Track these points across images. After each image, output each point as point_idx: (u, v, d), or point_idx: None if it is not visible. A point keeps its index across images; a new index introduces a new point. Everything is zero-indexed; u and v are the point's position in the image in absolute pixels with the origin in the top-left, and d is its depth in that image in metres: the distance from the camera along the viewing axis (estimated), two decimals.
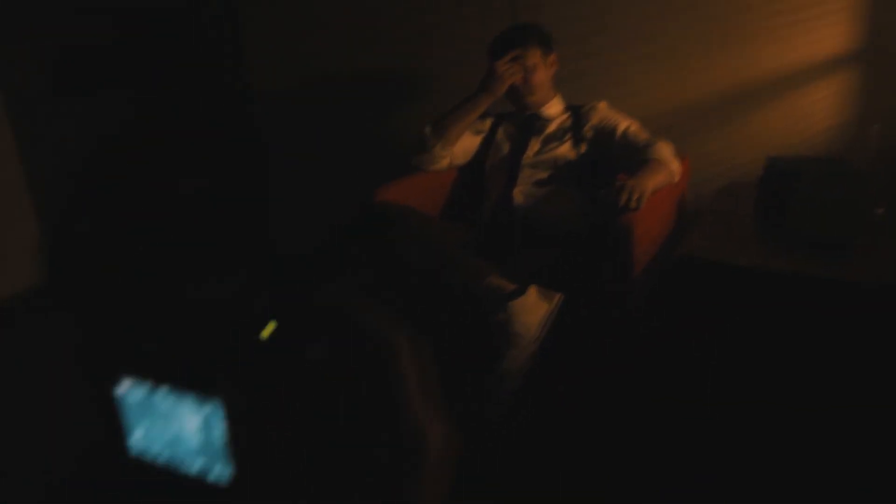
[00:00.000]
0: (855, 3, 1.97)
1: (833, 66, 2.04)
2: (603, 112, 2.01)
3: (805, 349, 1.64)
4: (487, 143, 2.12)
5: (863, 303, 1.59)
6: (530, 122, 2.04)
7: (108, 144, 2.80)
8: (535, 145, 2.01)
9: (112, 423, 0.41)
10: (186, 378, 0.39)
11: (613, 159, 1.93)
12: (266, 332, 0.36)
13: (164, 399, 0.40)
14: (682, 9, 2.15)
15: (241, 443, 0.39)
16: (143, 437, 0.42)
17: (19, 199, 2.61)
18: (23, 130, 2.56)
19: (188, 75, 2.97)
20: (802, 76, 2.08)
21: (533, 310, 1.55)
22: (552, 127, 2.03)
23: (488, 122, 2.13)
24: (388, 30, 2.65)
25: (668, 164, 1.80)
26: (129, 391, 0.40)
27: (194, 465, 0.42)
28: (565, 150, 1.98)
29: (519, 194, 1.97)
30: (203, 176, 2.73)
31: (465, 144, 2.10)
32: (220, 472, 0.40)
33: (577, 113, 2.04)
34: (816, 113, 2.09)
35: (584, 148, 1.98)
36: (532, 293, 1.56)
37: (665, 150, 1.82)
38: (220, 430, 0.39)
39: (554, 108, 2.05)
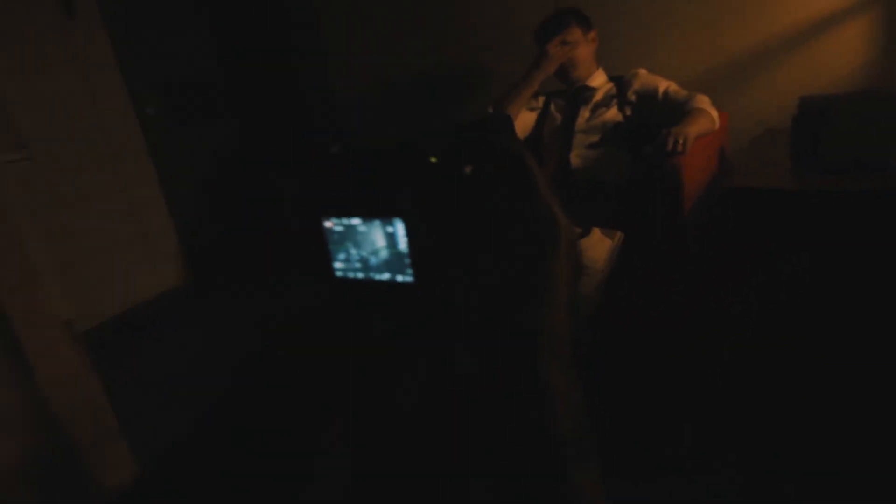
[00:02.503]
0: None
1: (855, 6, 1.97)
2: (643, 77, 2.02)
3: (845, 262, 1.62)
4: (542, 118, 2.16)
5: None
6: (579, 94, 2.07)
7: (223, 162, 3.00)
8: (585, 113, 2.04)
9: (323, 253, 0.49)
10: (374, 208, 0.47)
11: (657, 117, 1.95)
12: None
13: (357, 227, 0.49)
14: None
15: (417, 251, 0.47)
16: (344, 261, 0.51)
17: (161, 214, 2.80)
18: (158, 157, 2.76)
19: (283, 101, 3.14)
20: (826, 20, 2.01)
21: (597, 246, 1.60)
22: (598, 95, 2.05)
23: (541, 100, 2.17)
24: (440, 30, 2.71)
25: (708, 111, 1.80)
26: (332, 226, 0.49)
27: (384, 275, 0.50)
28: (612, 114, 2.00)
29: (575, 157, 2.00)
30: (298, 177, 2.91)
31: (524, 120, 2.14)
32: (404, 277, 0.48)
33: (619, 81, 2.05)
34: (843, 53, 2.02)
35: (629, 111, 1.99)
36: (595, 232, 1.61)
37: (704, 101, 1.83)
38: (402, 243, 0.48)
39: (598, 79, 2.08)
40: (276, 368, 1.94)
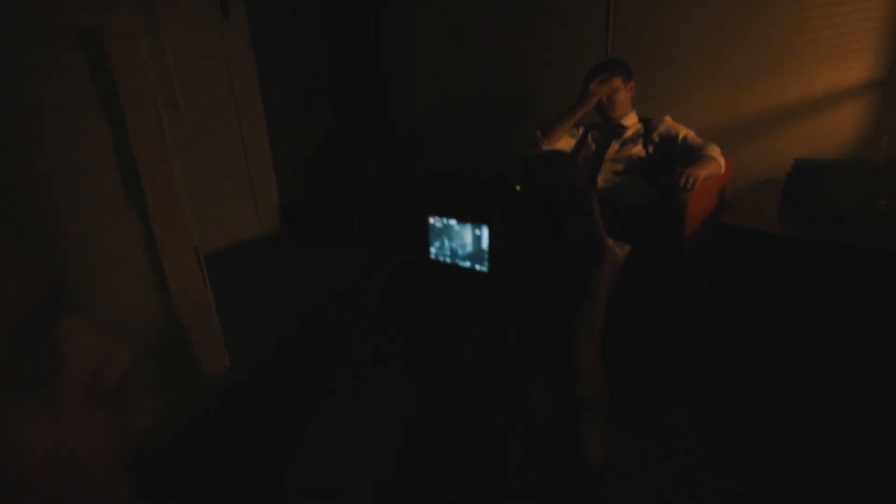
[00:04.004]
0: (874, 40, 1.90)
1: (854, 90, 1.98)
2: (667, 123, 2.08)
3: (808, 300, 1.67)
4: (580, 144, 2.23)
5: (861, 264, 1.59)
6: (613, 130, 2.13)
7: (321, 141, 3.14)
8: (615, 146, 2.11)
9: (423, 240, 0.58)
10: (469, 215, 0.55)
11: (674, 158, 1.99)
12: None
13: (454, 226, 0.58)
14: (733, 48, 2.15)
15: (495, 251, 0.56)
16: (438, 248, 0.60)
17: (269, 175, 2.98)
18: (272, 133, 2.93)
19: (375, 96, 3.25)
20: (829, 98, 2.04)
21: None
22: (629, 133, 2.11)
23: (581, 129, 2.24)
24: (508, 64, 2.78)
25: (717, 159, 1.86)
26: (434, 222, 0.57)
27: (466, 263, 0.59)
28: (637, 149, 2.07)
29: (601, 180, 2.08)
30: (380, 162, 3.01)
31: (565, 144, 2.23)
32: (481, 267, 0.57)
33: (647, 123, 2.12)
34: (838, 127, 2.05)
35: (651, 149, 2.06)
36: (609, 242, 1.68)
37: (715, 150, 1.88)
38: (485, 243, 0.57)
39: (630, 120, 2.14)
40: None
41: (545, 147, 2.18)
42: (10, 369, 0.21)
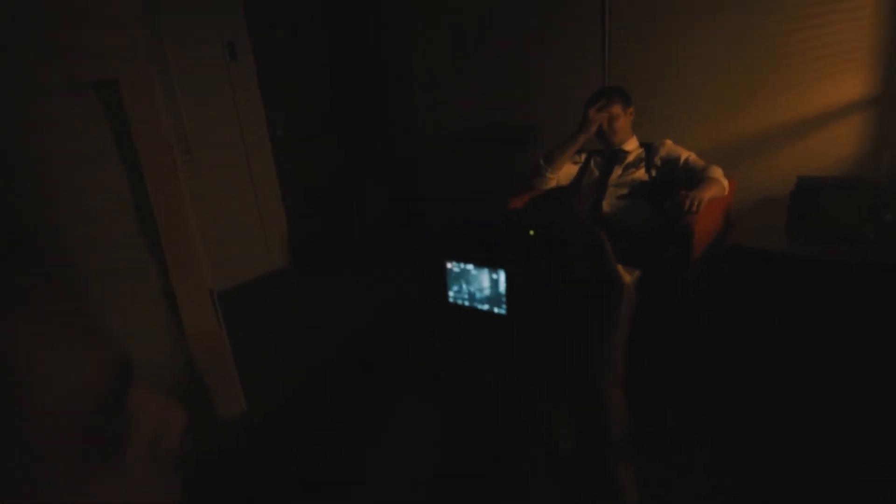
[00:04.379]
0: (867, 58, 1.94)
1: (852, 107, 2.02)
2: (669, 146, 2.11)
3: (821, 318, 1.67)
4: (583, 170, 2.26)
5: (870, 279, 1.60)
6: (615, 155, 2.17)
7: (326, 172, 3.20)
8: (618, 171, 2.14)
9: (441, 285, 0.60)
10: (486, 259, 0.58)
11: (677, 181, 2.01)
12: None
13: (471, 271, 0.61)
14: (729, 69, 2.20)
15: (512, 294, 0.58)
16: (456, 292, 0.63)
17: (278, 210, 3.03)
18: (280, 167, 2.99)
19: (377, 128, 3.32)
20: (828, 115, 2.07)
21: None
22: (630, 157, 2.15)
23: (584, 156, 2.28)
24: (509, 92, 2.83)
25: (720, 180, 1.88)
26: (451, 267, 0.60)
27: (484, 306, 0.62)
28: (640, 174, 2.10)
29: (606, 205, 2.11)
30: (385, 187, 3.04)
31: (568, 170, 2.27)
32: (499, 309, 0.59)
33: (649, 148, 2.15)
34: (839, 144, 2.08)
35: (654, 172, 2.09)
36: (627, 278, 1.70)
37: (717, 171, 1.91)
38: (502, 286, 0.59)
39: (631, 145, 2.17)
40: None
41: (549, 175, 2.22)
42: (91, 441, 0.23)
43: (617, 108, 2.12)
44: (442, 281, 0.63)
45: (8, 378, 0.21)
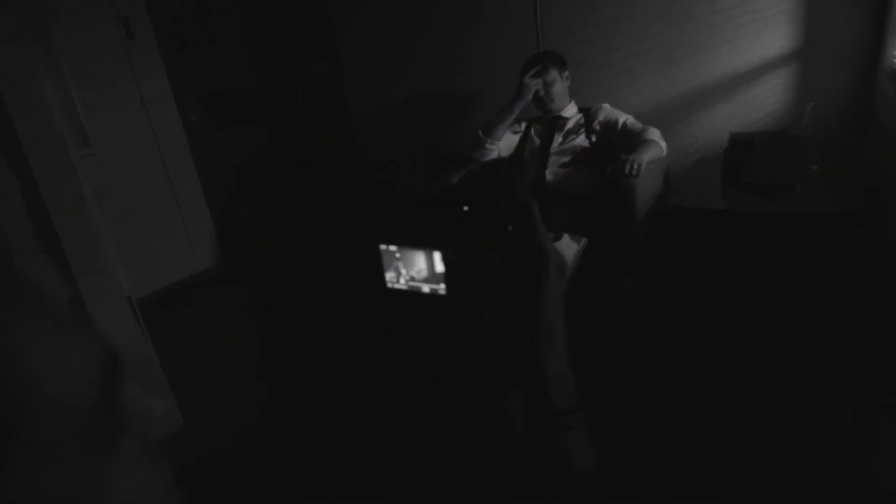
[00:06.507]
0: (790, 11, 2.04)
1: (777, 61, 2.13)
2: (607, 110, 2.16)
3: (758, 266, 1.79)
4: (523, 140, 2.28)
5: (800, 228, 1.73)
6: (554, 122, 2.20)
7: (251, 159, 3.05)
8: (558, 138, 2.18)
9: (377, 269, 0.58)
10: (419, 240, 0.56)
11: (616, 144, 2.07)
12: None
13: (405, 253, 0.59)
14: (660, 32, 2.26)
15: (450, 273, 0.57)
16: (393, 276, 0.61)
17: (199, 204, 2.86)
18: (198, 152, 2.81)
19: (305, 107, 3.18)
20: (755, 72, 2.17)
21: (567, 248, 1.74)
22: (570, 124, 2.18)
23: (523, 125, 2.29)
24: (445, 62, 2.78)
25: (658, 142, 1.95)
26: (385, 250, 0.58)
27: (424, 288, 0.60)
28: (581, 140, 2.14)
29: (549, 174, 2.14)
30: (318, 170, 2.95)
31: (509, 141, 2.28)
32: (440, 288, 0.58)
33: (587, 113, 2.19)
34: (765, 100, 2.19)
35: (594, 138, 2.14)
36: (565, 237, 1.74)
37: (655, 133, 1.98)
38: (439, 266, 0.58)
39: (570, 111, 2.21)
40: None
41: (489, 146, 2.22)
42: (91, 434, 0.26)
43: (553, 74, 2.14)
44: (378, 265, 0.61)
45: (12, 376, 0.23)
